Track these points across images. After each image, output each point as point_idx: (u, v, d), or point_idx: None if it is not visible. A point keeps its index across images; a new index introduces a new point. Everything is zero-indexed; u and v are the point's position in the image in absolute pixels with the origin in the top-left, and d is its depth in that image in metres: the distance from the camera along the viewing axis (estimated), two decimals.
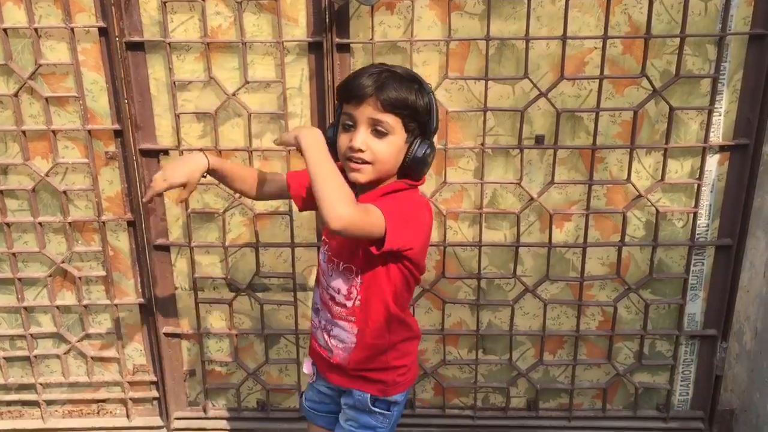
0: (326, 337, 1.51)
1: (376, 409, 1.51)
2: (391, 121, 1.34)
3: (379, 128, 1.34)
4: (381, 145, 1.35)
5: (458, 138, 2.00)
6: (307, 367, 1.61)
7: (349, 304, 1.45)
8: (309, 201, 1.57)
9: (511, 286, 2.15)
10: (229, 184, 1.60)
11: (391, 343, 1.48)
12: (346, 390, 1.54)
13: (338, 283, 1.46)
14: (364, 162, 1.36)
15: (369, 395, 1.50)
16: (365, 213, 1.27)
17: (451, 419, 2.27)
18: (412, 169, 1.40)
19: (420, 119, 1.38)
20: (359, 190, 1.41)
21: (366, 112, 1.34)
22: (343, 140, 1.37)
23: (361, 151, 1.35)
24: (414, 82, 1.37)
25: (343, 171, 1.37)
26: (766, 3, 1.85)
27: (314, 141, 1.30)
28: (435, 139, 1.96)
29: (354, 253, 1.42)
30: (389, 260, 1.40)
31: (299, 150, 1.31)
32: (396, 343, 1.49)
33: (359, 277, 1.43)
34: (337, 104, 1.42)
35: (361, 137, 1.35)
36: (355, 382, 1.51)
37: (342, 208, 1.22)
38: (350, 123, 1.36)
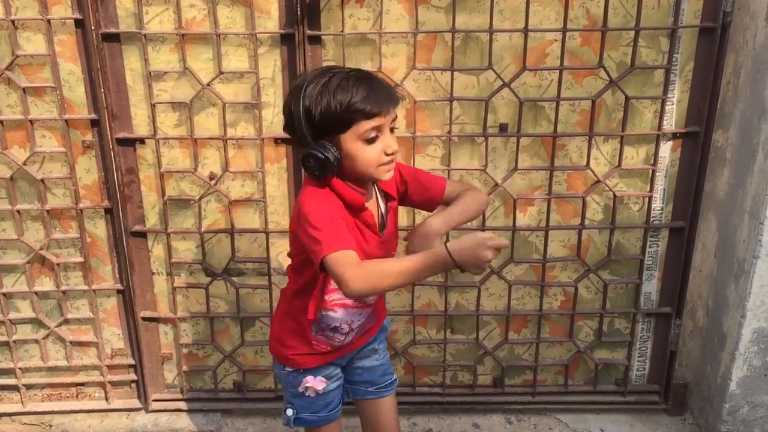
0: (367, 318, 1.60)
1: None
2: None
3: (393, 125, 1.41)
4: (394, 139, 1.43)
5: (426, 126, 2.08)
6: (318, 383, 1.60)
7: None
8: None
9: None
10: None
11: None
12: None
13: None
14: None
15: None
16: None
17: (421, 397, 2.35)
18: None
19: None
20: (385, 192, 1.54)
21: (390, 115, 1.39)
22: (371, 152, 1.38)
23: (396, 151, 1.42)
24: None
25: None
26: None
27: (442, 264, 1.31)
28: (402, 126, 2.03)
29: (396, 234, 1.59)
30: None
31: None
32: None
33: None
34: (338, 125, 1.37)
35: (393, 139, 1.41)
36: (381, 315, 1.70)
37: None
38: (376, 134, 1.38)
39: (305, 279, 1.52)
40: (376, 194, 1.53)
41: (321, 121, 1.35)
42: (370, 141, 1.38)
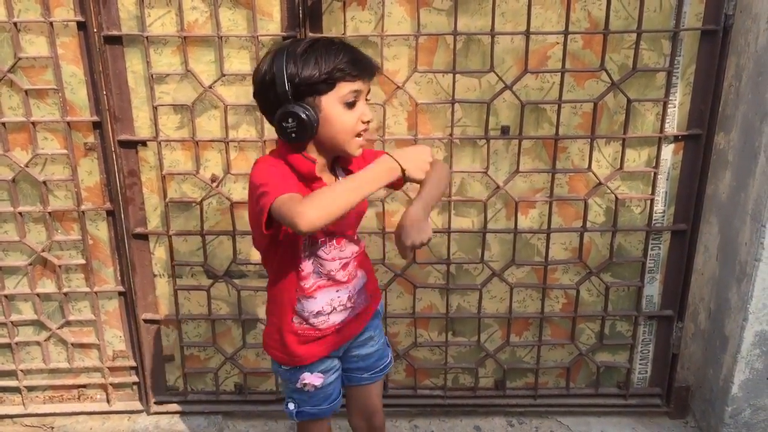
0: (355, 298, 1.59)
1: None
2: None
3: (368, 97, 1.43)
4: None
5: (428, 129, 2.08)
6: (316, 379, 1.59)
7: (360, 248, 1.60)
8: None
9: (479, 270, 2.23)
10: None
11: None
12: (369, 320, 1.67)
13: (351, 247, 1.55)
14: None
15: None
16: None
17: (422, 399, 2.35)
18: None
19: None
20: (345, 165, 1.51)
21: (368, 84, 1.40)
22: (349, 117, 1.38)
23: (372, 120, 1.42)
24: None
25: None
26: (717, 0, 1.94)
27: (387, 169, 1.33)
28: (404, 129, 2.02)
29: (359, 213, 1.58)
30: None
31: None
32: None
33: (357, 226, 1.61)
34: (322, 83, 1.34)
35: (368, 108, 1.42)
36: (375, 299, 1.69)
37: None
38: (356, 99, 1.38)
39: (276, 263, 1.51)
40: (336, 174, 1.51)
41: (305, 79, 1.33)
42: (350, 105, 1.37)
